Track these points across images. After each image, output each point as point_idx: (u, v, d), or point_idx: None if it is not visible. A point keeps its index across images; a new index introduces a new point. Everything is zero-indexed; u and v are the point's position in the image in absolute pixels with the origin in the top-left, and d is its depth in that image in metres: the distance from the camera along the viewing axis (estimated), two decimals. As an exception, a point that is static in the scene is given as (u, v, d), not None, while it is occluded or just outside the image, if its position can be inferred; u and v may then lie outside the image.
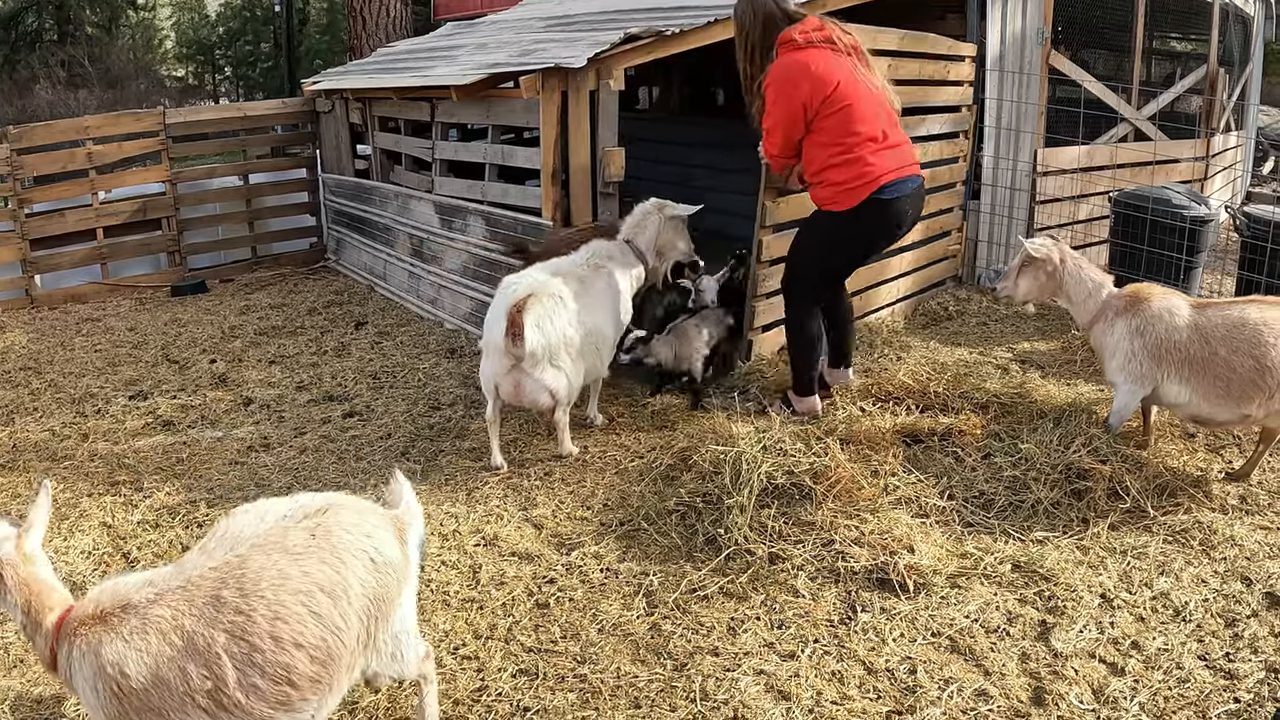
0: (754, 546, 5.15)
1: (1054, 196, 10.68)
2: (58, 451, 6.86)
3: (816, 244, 6.70)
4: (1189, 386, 5.85)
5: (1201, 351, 5.79)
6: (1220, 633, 4.65)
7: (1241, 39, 15.81)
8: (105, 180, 11.33)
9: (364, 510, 3.66)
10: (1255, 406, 5.75)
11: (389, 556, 3.58)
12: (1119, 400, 6.08)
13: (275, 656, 3.25)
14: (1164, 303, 5.96)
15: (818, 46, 6.30)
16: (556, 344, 6.17)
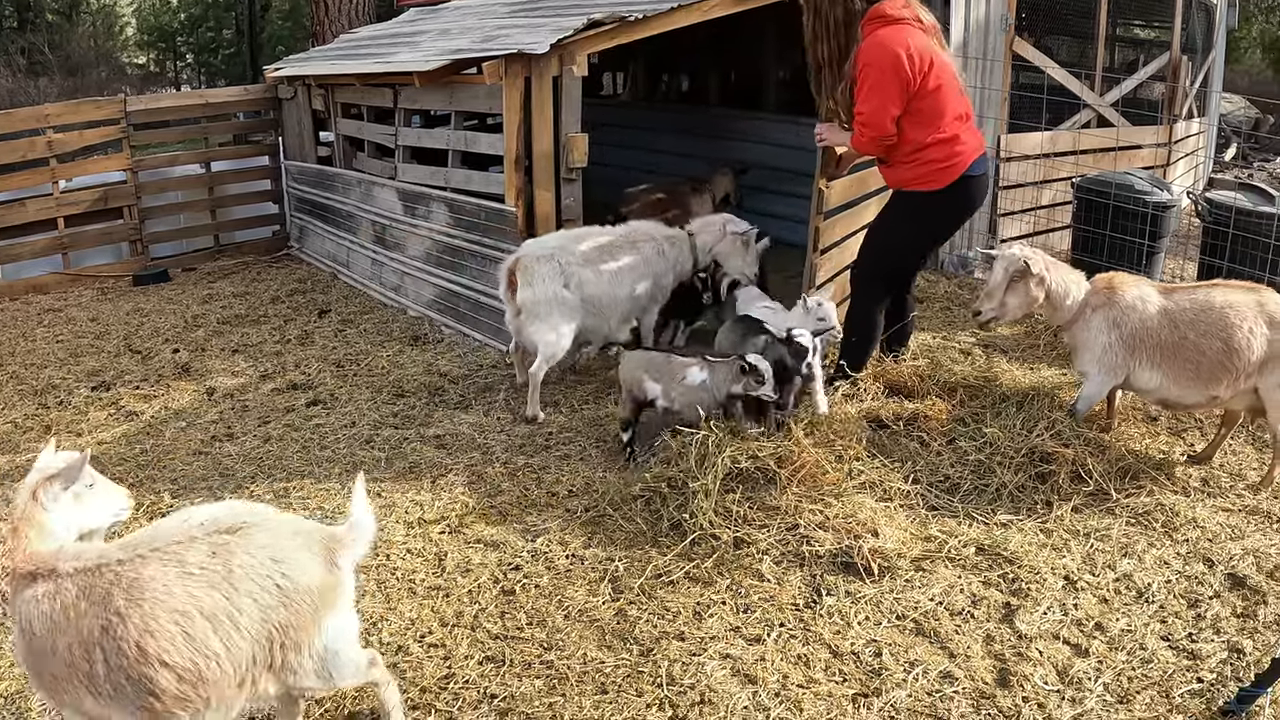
0: (719, 531, 5.15)
1: (1017, 182, 10.71)
2: (20, 444, 6.79)
3: (902, 227, 6.64)
4: (1160, 371, 5.92)
5: (1172, 337, 5.85)
6: (1183, 613, 4.69)
7: (1204, 27, 15.89)
8: (66, 169, 11.21)
9: (283, 532, 3.55)
10: (1223, 388, 5.83)
11: (302, 582, 3.46)
12: (1090, 388, 6.11)
13: (139, 667, 3.25)
14: (1136, 292, 6.00)
15: (909, 23, 6.18)
16: (547, 301, 6.91)
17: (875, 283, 6.73)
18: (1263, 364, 5.77)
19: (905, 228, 6.61)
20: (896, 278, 6.83)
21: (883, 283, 6.73)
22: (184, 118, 12.29)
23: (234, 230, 12.41)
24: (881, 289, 6.72)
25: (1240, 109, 22.75)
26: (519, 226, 7.86)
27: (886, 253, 6.71)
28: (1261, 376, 5.81)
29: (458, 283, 8.71)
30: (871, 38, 6.15)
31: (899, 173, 6.52)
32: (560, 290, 6.97)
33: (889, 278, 6.75)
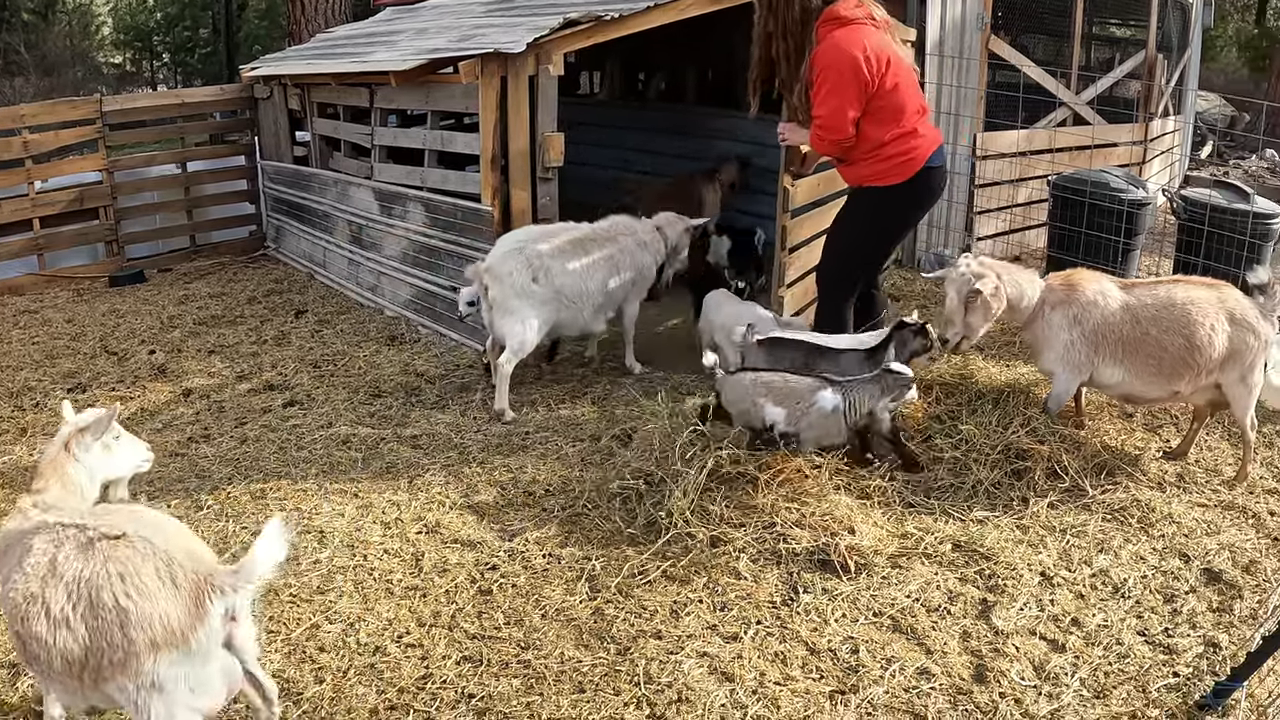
0: (695, 530, 5.15)
1: (993, 180, 10.74)
2: (-7, 446, 6.76)
3: (865, 224, 6.61)
4: (1123, 367, 5.96)
5: (1134, 332, 5.89)
6: (1159, 608, 4.72)
7: (1180, 25, 15.94)
8: (41, 170, 11.16)
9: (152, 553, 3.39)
10: (1185, 384, 5.89)
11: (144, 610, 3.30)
12: (1058, 386, 6.14)
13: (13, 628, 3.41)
14: (1096, 288, 6.02)
15: (862, 23, 6.15)
16: (515, 295, 7.02)
17: (843, 282, 6.75)
18: (1224, 360, 5.83)
19: (868, 224, 6.61)
20: (863, 274, 6.84)
21: (850, 281, 6.75)
22: (160, 118, 12.23)
23: (210, 230, 12.36)
24: (850, 287, 6.74)
25: (1216, 106, 22.87)
26: (495, 226, 7.84)
27: (853, 251, 6.71)
28: (1223, 372, 5.88)
29: (434, 282, 8.70)
30: (828, 40, 6.13)
31: (859, 170, 6.51)
32: (528, 284, 7.04)
33: (856, 275, 6.77)
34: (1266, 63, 29.19)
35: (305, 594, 4.84)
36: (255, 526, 5.41)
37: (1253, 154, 19.82)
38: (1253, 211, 8.63)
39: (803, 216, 7.71)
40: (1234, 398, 5.94)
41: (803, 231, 7.71)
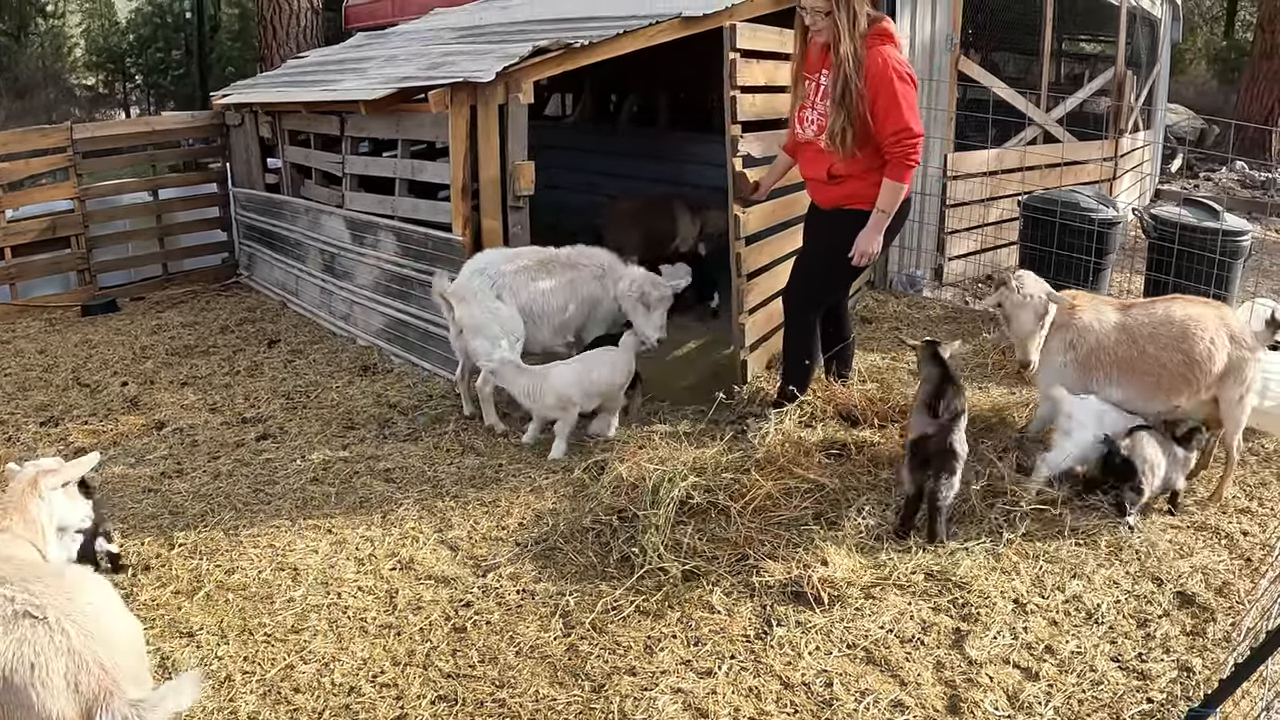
0: (668, 564, 5.15)
1: (964, 200, 10.79)
2: (-33, 481, 6.70)
3: (844, 245, 6.48)
4: (1121, 386, 6.05)
5: (1130, 352, 5.98)
6: (1133, 634, 4.74)
7: (1149, 41, 16.06)
8: (12, 198, 11.11)
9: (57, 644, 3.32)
10: (1184, 398, 5.99)
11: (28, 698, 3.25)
12: (1043, 409, 6.22)
13: None
14: (1092, 313, 6.10)
15: (899, 42, 6.30)
16: (484, 317, 7.18)
17: (814, 306, 6.82)
18: (1223, 376, 5.92)
19: (844, 248, 6.50)
20: (830, 297, 6.91)
21: (820, 303, 6.83)
22: (131, 145, 12.20)
23: (183, 258, 12.29)
24: (820, 308, 6.82)
25: (1186, 120, 23.00)
26: (467, 255, 7.84)
27: (829, 272, 6.73)
28: (1222, 389, 5.97)
29: (406, 312, 8.67)
30: (891, 50, 6.19)
31: (850, 189, 6.48)
32: (493, 303, 7.18)
33: (828, 296, 6.86)
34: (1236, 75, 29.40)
35: (280, 633, 4.81)
36: (229, 564, 5.39)
37: (1222, 166, 19.94)
38: (1222, 229, 8.69)
39: (760, 243, 7.73)
40: (1229, 416, 6.03)
41: (760, 258, 7.71)
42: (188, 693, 3.36)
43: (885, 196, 6.32)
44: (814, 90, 6.50)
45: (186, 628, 4.86)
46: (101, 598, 3.64)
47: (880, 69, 6.09)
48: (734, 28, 7.06)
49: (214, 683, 4.47)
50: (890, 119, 6.13)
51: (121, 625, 3.63)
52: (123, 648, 3.52)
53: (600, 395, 6.78)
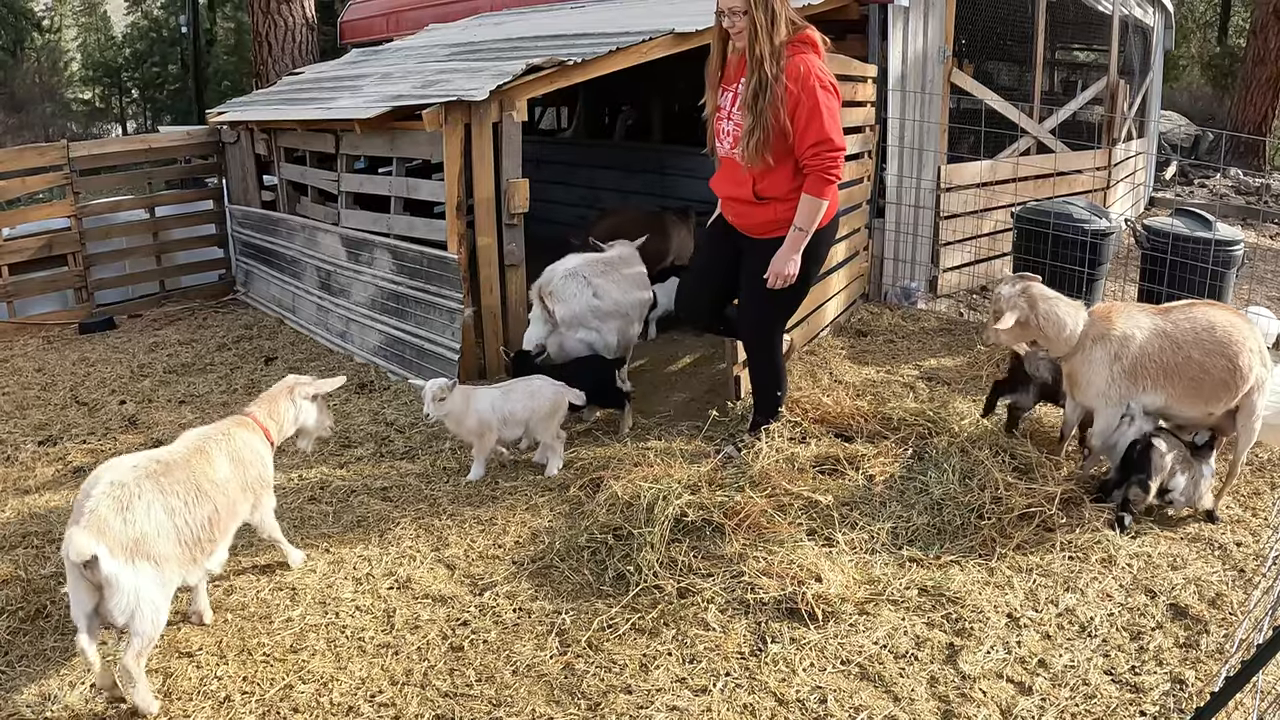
0: (663, 582, 5.18)
1: (957, 212, 10.83)
2: (-38, 505, 6.70)
3: (807, 267, 6.25)
4: (1164, 392, 5.98)
5: (1174, 358, 5.93)
6: (1126, 646, 4.75)
7: (1141, 49, 16.13)
8: (9, 216, 11.15)
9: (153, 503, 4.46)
10: (1220, 405, 5.97)
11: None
12: (1101, 423, 6.16)
13: None
14: (1129, 321, 6.06)
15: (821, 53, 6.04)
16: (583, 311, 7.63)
17: (778, 333, 6.69)
18: (1252, 388, 5.93)
19: (808, 268, 6.27)
20: (784, 325, 6.76)
21: (777, 338, 6.70)
22: (128, 163, 12.24)
23: (179, 276, 12.32)
24: (777, 342, 6.70)
25: (1180, 126, 23.06)
26: (462, 273, 7.88)
27: (789, 302, 6.53)
28: (1246, 400, 5.97)
29: (403, 329, 8.72)
30: (814, 59, 5.93)
31: (780, 213, 6.14)
32: (593, 300, 7.64)
33: (780, 331, 6.71)
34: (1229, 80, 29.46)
35: (278, 653, 4.83)
36: (227, 584, 5.41)
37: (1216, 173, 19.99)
38: (1215, 239, 8.73)
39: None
40: (1246, 428, 6.05)
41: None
42: None
43: (803, 212, 6.00)
44: (731, 100, 6.16)
45: (186, 648, 4.87)
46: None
47: (802, 76, 5.82)
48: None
49: (213, 703, 4.49)
50: (811, 130, 5.85)
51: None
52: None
53: (520, 424, 6.70)
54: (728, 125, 6.18)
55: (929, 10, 10.29)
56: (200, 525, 4.60)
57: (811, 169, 5.92)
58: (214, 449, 4.89)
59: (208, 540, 4.67)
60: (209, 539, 4.67)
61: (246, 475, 5.02)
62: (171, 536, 4.45)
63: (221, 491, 4.78)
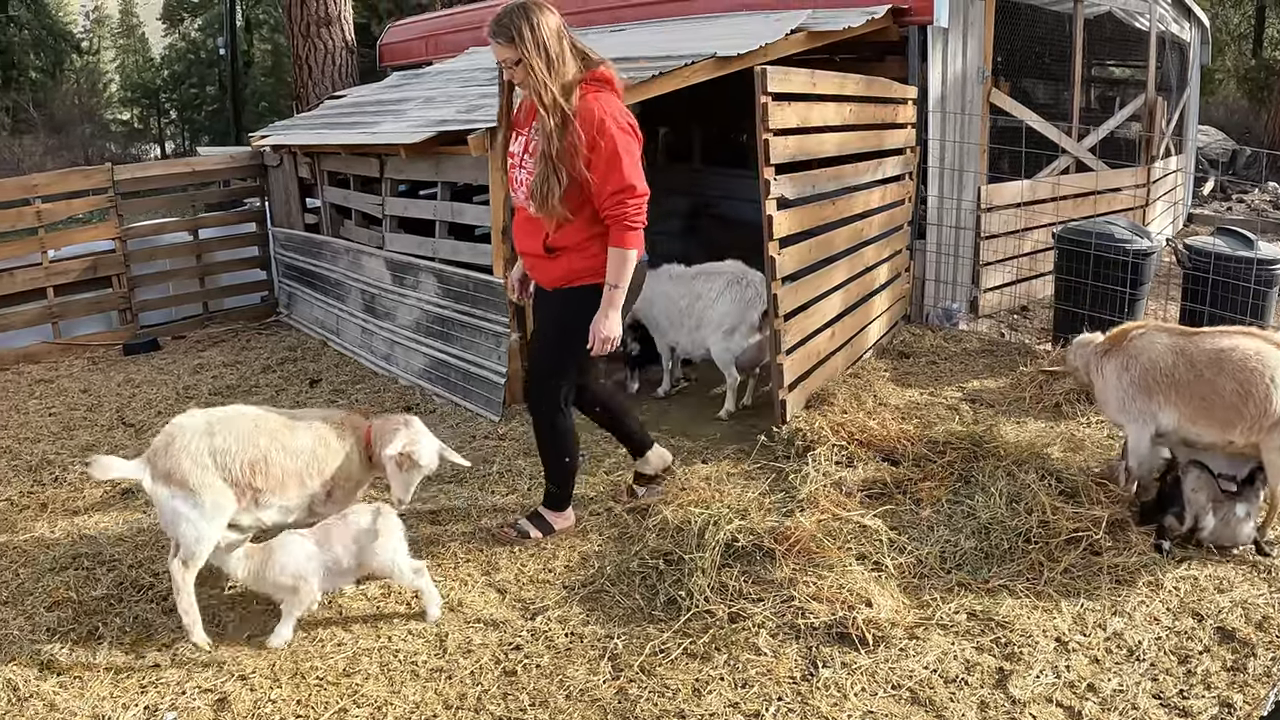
0: (714, 607, 5.21)
1: (998, 232, 10.84)
2: (16, 523, 6.75)
3: (577, 327, 5.70)
4: (1176, 410, 5.95)
5: (1187, 375, 5.90)
6: (1174, 670, 4.74)
7: (1178, 65, 16.08)
8: (54, 238, 11.28)
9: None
10: (1237, 432, 5.83)
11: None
12: (1130, 440, 6.19)
13: None
14: (1144, 336, 6.11)
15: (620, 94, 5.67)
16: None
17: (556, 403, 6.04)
18: (1275, 425, 5.74)
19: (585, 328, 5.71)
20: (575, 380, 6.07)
21: (564, 398, 6.07)
22: (171, 185, 12.37)
23: (223, 297, 12.47)
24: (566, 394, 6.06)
25: (1217, 141, 22.96)
26: (508, 297, 7.93)
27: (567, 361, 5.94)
28: (1269, 435, 5.77)
29: (448, 352, 8.79)
30: (609, 98, 5.53)
31: (572, 263, 5.68)
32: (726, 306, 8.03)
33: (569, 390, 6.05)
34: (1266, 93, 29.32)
35: (331, 676, 4.88)
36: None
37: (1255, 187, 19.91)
38: (1257, 258, 8.72)
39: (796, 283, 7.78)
40: (1271, 464, 5.86)
41: (797, 297, 7.75)
42: None
43: (613, 268, 5.54)
44: (523, 146, 5.67)
45: (239, 670, 4.92)
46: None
47: (596, 120, 5.35)
48: (765, 72, 7.07)
49: (270, 728, 4.55)
50: (610, 177, 5.37)
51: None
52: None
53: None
54: (520, 174, 5.70)
55: (968, 30, 10.31)
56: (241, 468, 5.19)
57: (613, 218, 5.46)
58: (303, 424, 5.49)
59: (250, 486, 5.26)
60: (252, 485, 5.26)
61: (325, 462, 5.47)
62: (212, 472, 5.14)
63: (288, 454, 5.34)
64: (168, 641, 5.16)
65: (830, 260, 8.21)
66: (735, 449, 7.35)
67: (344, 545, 5.21)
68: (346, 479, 5.52)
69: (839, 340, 8.44)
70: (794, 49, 9.11)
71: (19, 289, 11.03)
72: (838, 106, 8.24)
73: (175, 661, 5.01)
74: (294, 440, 5.34)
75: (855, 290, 8.71)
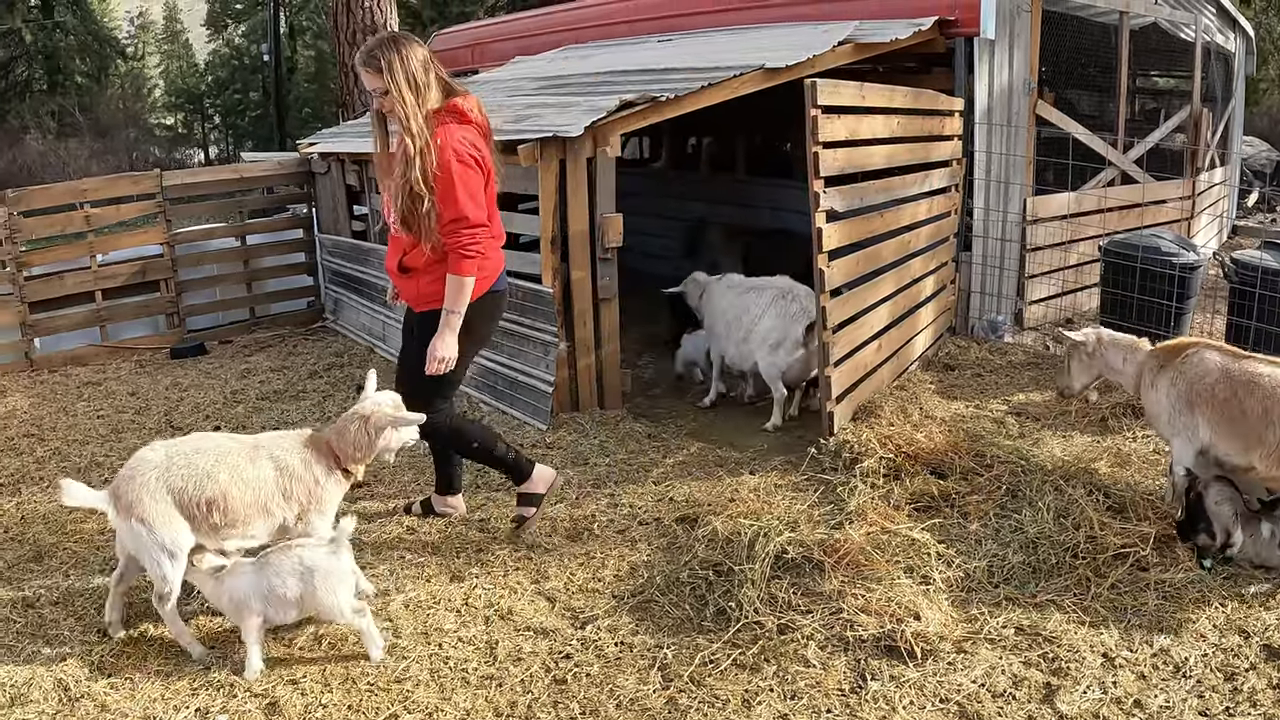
0: (764, 618, 5.23)
1: (1043, 244, 10.82)
2: (66, 524, 6.81)
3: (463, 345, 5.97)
4: (1211, 428, 5.96)
5: (1224, 393, 5.90)
6: (1220, 687, 4.73)
7: (1223, 76, 16.01)
8: (103, 242, 11.41)
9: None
10: (1258, 458, 5.82)
11: None
12: (1175, 454, 6.20)
13: None
14: (1197, 353, 6.10)
15: (478, 124, 5.89)
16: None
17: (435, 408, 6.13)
18: None
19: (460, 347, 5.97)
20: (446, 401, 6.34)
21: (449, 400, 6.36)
22: (219, 191, 12.50)
23: (269, 303, 12.58)
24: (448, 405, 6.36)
25: (1262, 152, 22.81)
26: (557, 307, 8.00)
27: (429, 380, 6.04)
28: None
29: (496, 361, 8.83)
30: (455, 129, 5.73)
31: (424, 286, 5.98)
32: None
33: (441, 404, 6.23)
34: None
35: (382, 682, 4.93)
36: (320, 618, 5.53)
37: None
38: (1304, 273, 8.69)
39: (845, 295, 7.81)
40: None
41: (846, 310, 7.78)
42: None
43: (450, 293, 5.79)
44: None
45: (290, 675, 4.98)
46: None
47: (439, 149, 5.60)
48: (814, 84, 7.11)
49: (323, 731, 4.60)
50: (447, 207, 5.64)
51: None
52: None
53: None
54: (386, 197, 5.95)
55: (1014, 42, 10.30)
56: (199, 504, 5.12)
57: (450, 247, 5.71)
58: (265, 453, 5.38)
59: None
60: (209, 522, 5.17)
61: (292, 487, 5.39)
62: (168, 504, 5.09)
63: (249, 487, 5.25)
64: (217, 644, 5.24)
65: (878, 272, 8.24)
66: (783, 460, 7.39)
67: (282, 578, 5.01)
68: (318, 502, 5.42)
69: (886, 352, 8.46)
70: (841, 61, 9.15)
71: (68, 292, 11.17)
72: (886, 119, 8.28)
73: (226, 664, 5.09)
74: (256, 472, 5.27)
75: (902, 302, 8.74)
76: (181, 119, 53.67)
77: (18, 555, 6.42)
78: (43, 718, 4.70)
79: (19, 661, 5.13)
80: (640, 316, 10.59)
